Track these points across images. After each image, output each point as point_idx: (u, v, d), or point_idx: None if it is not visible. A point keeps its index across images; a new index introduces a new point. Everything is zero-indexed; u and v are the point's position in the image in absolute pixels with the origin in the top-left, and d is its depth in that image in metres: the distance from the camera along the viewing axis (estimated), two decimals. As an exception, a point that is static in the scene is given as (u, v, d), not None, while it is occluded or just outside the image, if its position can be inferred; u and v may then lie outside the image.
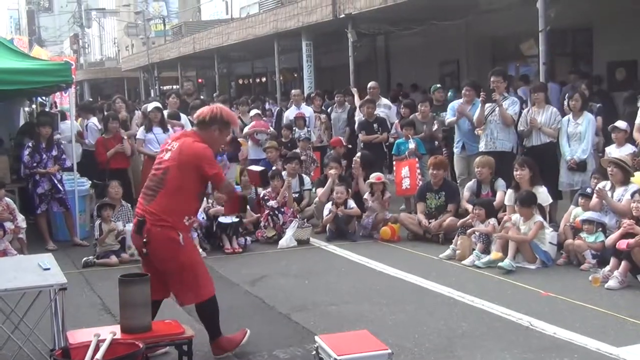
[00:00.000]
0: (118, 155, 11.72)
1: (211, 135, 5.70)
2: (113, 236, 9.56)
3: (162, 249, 5.55)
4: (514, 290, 7.59)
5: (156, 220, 5.52)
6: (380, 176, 10.80)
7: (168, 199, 5.55)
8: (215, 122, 5.70)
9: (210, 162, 5.59)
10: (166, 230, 5.53)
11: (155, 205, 5.55)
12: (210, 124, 5.69)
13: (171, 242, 5.54)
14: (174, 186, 5.55)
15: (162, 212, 5.53)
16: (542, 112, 10.32)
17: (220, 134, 5.74)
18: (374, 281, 8.22)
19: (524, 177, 9.07)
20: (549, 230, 8.65)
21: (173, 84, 40.63)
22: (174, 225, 5.55)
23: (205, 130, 5.70)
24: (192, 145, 5.59)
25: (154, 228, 5.52)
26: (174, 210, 5.56)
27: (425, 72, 22.88)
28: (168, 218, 5.53)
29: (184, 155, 5.55)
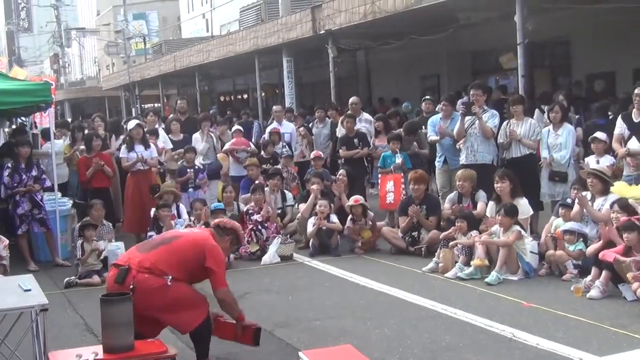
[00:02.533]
0: (99, 174, 11.67)
1: (224, 242, 6.04)
2: (95, 256, 9.52)
3: (150, 296, 5.57)
4: (496, 302, 7.62)
5: (144, 268, 5.57)
6: (357, 198, 10.79)
7: (166, 255, 5.65)
8: (232, 234, 6.10)
9: (218, 258, 5.75)
10: (154, 278, 5.58)
11: (150, 256, 5.64)
12: (226, 233, 6.08)
13: (159, 287, 5.59)
14: (176, 252, 5.68)
15: (154, 262, 5.59)
16: (521, 124, 10.39)
17: (230, 246, 6.18)
18: (358, 296, 8.22)
19: (504, 189, 9.12)
20: (529, 239, 8.70)
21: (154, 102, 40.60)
22: (161, 271, 5.61)
23: (221, 237, 6.04)
24: (208, 237, 5.86)
25: (140, 275, 5.55)
26: (166, 264, 5.63)
27: (407, 87, 23.03)
28: (157, 268, 5.59)
29: (200, 239, 5.79)
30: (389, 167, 11.76)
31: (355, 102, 14.25)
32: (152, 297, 5.57)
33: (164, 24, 51.53)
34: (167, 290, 5.60)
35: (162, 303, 5.61)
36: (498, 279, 8.33)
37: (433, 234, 9.88)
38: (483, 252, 8.66)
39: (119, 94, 42.55)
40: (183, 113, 15.09)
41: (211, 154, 13.31)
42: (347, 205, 10.76)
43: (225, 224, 6.15)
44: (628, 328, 6.48)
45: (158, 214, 10.44)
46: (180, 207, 11.10)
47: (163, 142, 13.02)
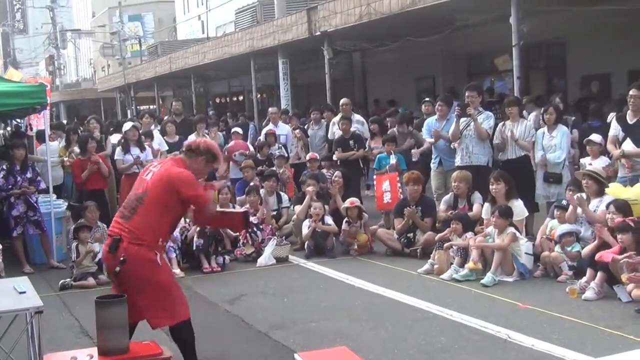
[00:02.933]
0: (95, 176, 11.65)
1: (197, 163, 5.82)
2: (90, 258, 9.51)
3: (140, 269, 5.52)
4: (492, 303, 7.64)
5: (134, 238, 5.51)
6: (353, 201, 10.80)
7: (146, 217, 5.55)
8: (204, 153, 5.84)
9: (189, 184, 5.62)
10: (144, 250, 5.52)
11: (133, 223, 5.55)
12: (199, 153, 5.83)
13: (149, 262, 5.54)
14: (153, 205, 5.57)
15: (139, 230, 5.53)
16: (517, 125, 10.41)
17: (206, 164, 5.88)
18: (353, 297, 8.24)
19: (499, 191, 9.13)
20: (524, 240, 8.72)
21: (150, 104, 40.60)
22: (150, 244, 5.56)
23: (193, 158, 5.82)
24: (171, 169, 5.68)
25: (131, 247, 5.50)
26: (152, 229, 5.56)
27: (402, 88, 23.07)
28: (145, 237, 5.53)
29: (164, 177, 5.62)
30: (384, 169, 11.78)
31: (346, 103, 14.27)
32: (141, 269, 5.51)
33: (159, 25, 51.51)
34: (157, 268, 5.55)
35: (150, 278, 5.52)
36: (493, 281, 8.34)
37: (428, 236, 9.90)
38: (477, 255, 8.67)
39: (114, 96, 42.54)
40: (178, 115, 15.09)
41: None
42: (343, 207, 10.76)
43: (197, 143, 5.89)
44: (623, 329, 6.49)
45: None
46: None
47: (158, 144, 12.99)
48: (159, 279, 5.58)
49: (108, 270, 5.87)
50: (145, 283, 5.56)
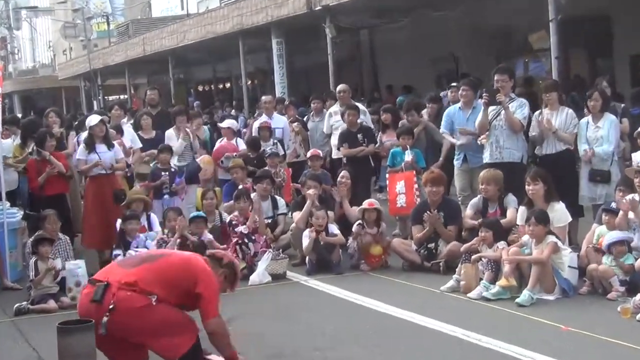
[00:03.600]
0: (54, 179, 11.61)
1: (216, 275, 6.06)
2: (51, 276, 9.48)
3: (133, 317, 5.59)
4: (529, 326, 7.60)
5: (124, 285, 5.59)
6: (372, 202, 10.78)
7: (152, 275, 5.70)
8: (227, 268, 6.19)
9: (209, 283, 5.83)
10: (137, 296, 5.61)
11: (132, 272, 5.68)
12: (222, 267, 6.16)
13: (143, 309, 5.62)
14: (162, 272, 5.75)
15: (137, 279, 5.63)
16: (556, 114, 10.38)
17: (224, 281, 6.19)
18: (364, 320, 8.21)
19: (537, 192, 9.10)
20: (567, 251, 8.68)
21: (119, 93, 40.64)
22: (145, 290, 5.65)
23: (215, 268, 6.08)
24: (202, 261, 5.96)
25: (121, 292, 5.57)
26: (151, 286, 5.67)
27: (418, 71, 23.03)
28: (141, 286, 5.63)
29: (193, 263, 5.88)
30: (398, 166, 11.75)
31: (344, 90, 14.26)
32: (135, 319, 5.60)
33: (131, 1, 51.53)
34: (152, 310, 5.63)
35: (145, 325, 5.63)
36: (531, 299, 8.30)
37: (453, 246, 9.87)
38: (511, 270, 8.63)
39: (77, 85, 42.59)
40: (154, 106, 15.06)
41: (188, 153, 13.27)
42: (359, 209, 10.72)
43: (222, 256, 6.27)
44: (686, 356, 6.47)
45: (125, 227, 10.39)
46: (151, 217, 11.07)
47: (131, 141, 12.96)
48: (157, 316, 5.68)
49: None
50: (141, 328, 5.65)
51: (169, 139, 13.20)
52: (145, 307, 5.61)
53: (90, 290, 5.70)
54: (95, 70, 36.55)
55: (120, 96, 39.73)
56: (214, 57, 30.87)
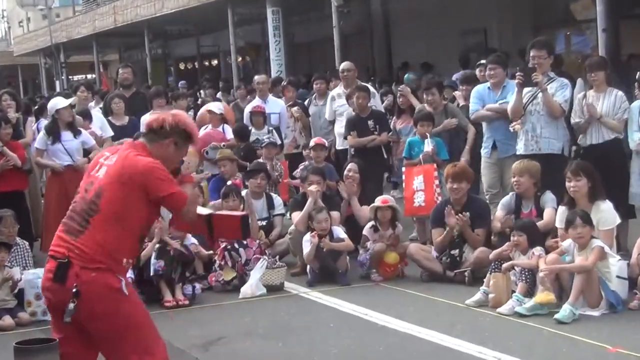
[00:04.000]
0: (9, 173, 11.64)
1: (164, 149, 5.82)
2: (7, 288, 9.52)
3: (98, 302, 5.51)
4: (570, 347, 7.63)
5: (87, 261, 5.51)
6: (386, 199, 10.79)
7: (104, 232, 5.57)
8: (171, 133, 5.82)
9: (162, 179, 5.65)
10: (104, 275, 5.52)
11: (85, 240, 5.56)
12: (164, 135, 5.82)
13: (111, 292, 5.54)
14: (112, 213, 5.58)
15: (94, 249, 5.53)
16: (603, 97, 10.40)
17: (177, 149, 5.88)
18: (376, 340, 8.22)
19: (580, 189, 9.11)
20: (616, 259, 8.71)
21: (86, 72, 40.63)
22: (112, 267, 5.57)
23: (157, 143, 5.82)
24: (136, 159, 5.69)
25: (85, 273, 5.49)
26: (113, 247, 5.58)
27: (441, 46, 23.03)
28: (104, 258, 5.54)
29: (126, 171, 5.63)
30: (416, 157, 11.76)
31: (348, 69, 14.28)
32: (99, 305, 5.51)
33: (99, -38, 51.55)
34: (122, 302, 5.57)
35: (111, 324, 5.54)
36: (572, 315, 8.32)
37: (480, 253, 9.89)
38: (550, 282, 8.64)
39: (37, 62, 42.58)
40: (127, 87, 15.09)
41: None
42: (372, 207, 10.75)
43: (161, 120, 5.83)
44: None
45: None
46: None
47: (100, 129, 12.98)
48: (126, 313, 5.58)
49: (52, 309, 5.79)
50: (106, 321, 5.55)
51: (146, 125, 13.18)
52: (115, 291, 5.52)
53: (51, 265, 5.61)
54: (57, 45, 36.56)
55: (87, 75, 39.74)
56: (198, 29, 30.90)
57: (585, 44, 19.36)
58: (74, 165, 11.54)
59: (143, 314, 5.77)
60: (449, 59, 22.01)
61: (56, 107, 11.74)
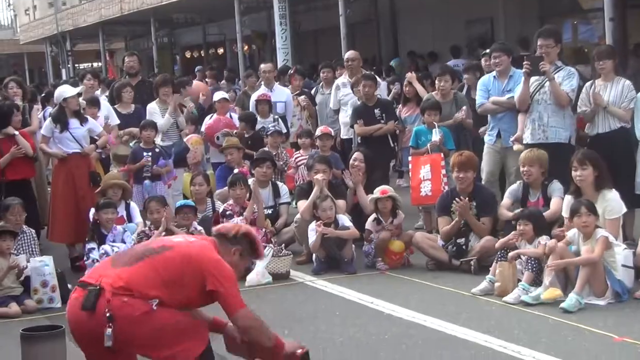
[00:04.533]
0: (17, 162, 11.65)
1: (230, 256, 5.97)
2: (14, 275, 9.53)
3: (132, 327, 5.57)
4: (576, 336, 7.62)
5: (121, 289, 5.57)
6: (385, 189, 10.78)
7: (151, 274, 5.65)
8: (241, 242, 6.03)
9: (220, 275, 5.74)
10: (135, 301, 5.57)
11: (127, 271, 5.63)
12: (232, 243, 6.01)
13: (143, 317, 5.60)
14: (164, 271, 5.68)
15: (131, 283, 5.59)
16: (610, 86, 10.38)
17: (241, 260, 6.06)
18: (382, 328, 8.23)
19: (586, 178, 9.10)
20: (621, 248, 8.70)
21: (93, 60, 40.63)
22: (143, 294, 5.62)
23: (225, 247, 5.99)
24: (208, 249, 5.85)
25: (116, 299, 5.54)
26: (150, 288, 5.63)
27: (447, 35, 22.99)
28: (137, 288, 5.60)
29: (194, 257, 5.76)
30: (423, 147, 11.74)
31: (353, 59, 14.28)
32: (134, 328, 5.58)
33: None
34: (152, 317, 5.62)
35: (146, 335, 5.62)
36: (578, 304, 8.32)
37: (486, 242, 9.89)
38: (556, 273, 8.63)
39: (43, 50, 42.56)
40: (133, 75, 15.06)
41: (173, 132, 13.29)
42: (371, 198, 10.75)
43: (229, 229, 6.10)
44: None
45: (99, 217, 10.43)
46: (131, 206, 11.10)
47: (106, 117, 12.95)
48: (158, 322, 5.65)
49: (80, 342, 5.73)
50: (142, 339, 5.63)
51: (151, 114, 13.18)
52: (146, 313, 5.58)
53: (79, 294, 5.62)
54: (63, 33, 36.54)
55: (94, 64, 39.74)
56: (204, 17, 30.85)
57: (592, 34, 19.29)
58: (82, 152, 11.54)
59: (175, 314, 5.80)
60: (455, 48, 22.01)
61: (64, 96, 11.71)
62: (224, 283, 5.73)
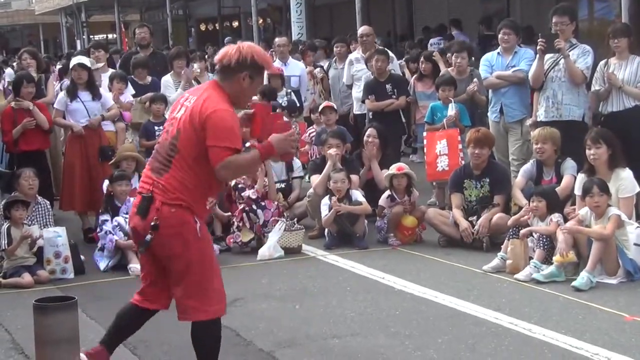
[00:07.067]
0: (31, 132, 11.66)
1: (238, 85, 5.89)
2: (27, 246, 9.56)
3: (172, 237, 5.72)
4: (587, 315, 7.63)
5: (170, 197, 5.70)
6: (401, 166, 10.77)
7: (185, 171, 5.74)
8: (244, 66, 5.86)
9: (217, 129, 5.69)
10: (183, 213, 5.72)
11: (169, 178, 5.74)
12: (237, 70, 5.86)
13: (186, 230, 5.73)
14: (189, 154, 5.73)
15: (177, 188, 5.71)
16: (625, 64, 10.33)
17: (252, 83, 5.93)
18: (392, 304, 8.25)
19: (600, 157, 9.08)
20: (634, 227, 8.68)
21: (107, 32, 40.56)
22: (192, 207, 5.75)
23: (231, 80, 5.89)
24: (208, 104, 5.76)
25: (165, 208, 5.69)
26: (194, 186, 5.75)
27: (463, 11, 22.88)
28: (186, 196, 5.72)
29: (197, 116, 5.73)
30: (439, 122, 11.71)
31: (367, 34, 14.24)
32: (173, 242, 5.74)
33: None
34: (192, 243, 5.75)
35: (177, 255, 5.76)
36: (590, 283, 8.32)
37: (499, 219, 9.88)
38: (568, 245, 8.63)
39: (58, 21, 42.48)
40: (145, 47, 15.02)
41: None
42: (387, 174, 10.74)
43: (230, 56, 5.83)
44: None
45: (113, 189, 10.43)
46: (144, 179, 11.10)
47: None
48: (194, 257, 5.76)
49: (135, 241, 6.15)
50: (176, 258, 5.77)
51: (166, 87, 13.18)
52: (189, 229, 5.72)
53: (138, 200, 5.87)
54: (78, 4, 36.41)
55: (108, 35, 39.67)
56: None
57: (608, 11, 19.14)
58: (88, 124, 11.50)
59: (211, 260, 5.95)
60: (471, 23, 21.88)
61: (71, 64, 11.80)
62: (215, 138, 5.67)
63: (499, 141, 11.31)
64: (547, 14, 11.34)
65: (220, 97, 5.79)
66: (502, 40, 11.52)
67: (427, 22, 24.06)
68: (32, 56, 13.86)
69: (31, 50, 14.70)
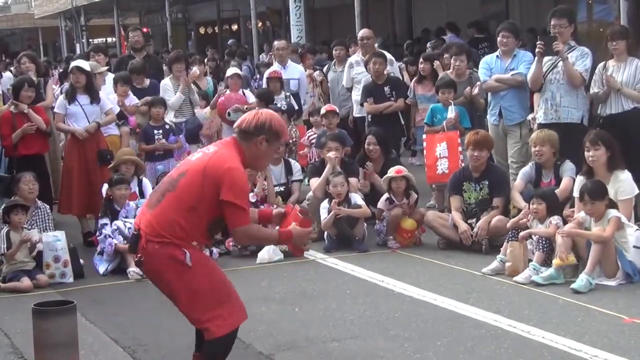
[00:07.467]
0: (31, 137, 11.66)
1: (256, 148, 6.01)
2: (26, 250, 9.56)
3: (163, 274, 5.79)
4: (586, 317, 7.63)
5: (153, 235, 5.75)
6: (401, 169, 10.77)
7: (174, 210, 5.78)
8: (262, 131, 6.00)
9: (236, 187, 5.79)
10: (166, 248, 5.75)
11: (157, 214, 5.79)
12: (255, 134, 6.00)
13: (173, 263, 5.75)
14: (186, 196, 5.79)
15: (163, 225, 5.75)
16: (624, 66, 10.33)
17: (269, 146, 6.05)
18: (392, 307, 8.26)
19: (598, 159, 9.07)
20: (633, 229, 8.68)
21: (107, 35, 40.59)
22: (175, 242, 5.77)
23: (249, 142, 6.01)
24: (225, 158, 5.87)
25: (150, 245, 5.74)
26: (176, 226, 5.77)
27: (462, 13, 22.90)
28: (169, 234, 5.75)
29: (211, 164, 5.83)
30: (439, 124, 11.70)
31: (367, 37, 14.23)
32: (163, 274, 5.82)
33: None
34: (184, 273, 5.79)
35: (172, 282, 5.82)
36: (589, 285, 8.32)
37: (498, 222, 9.88)
38: (568, 246, 8.63)
39: (57, 25, 42.52)
40: (139, 50, 15.01)
41: (187, 109, 13.31)
42: (385, 178, 10.74)
43: (249, 122, 6.02)
44: None
45: (112, 193, 10.43)
46: (143, 182, 11.09)
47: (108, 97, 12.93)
48: (191, 284, 5.79)
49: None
50: (173, 288, 5.83)
51: (165, 90, 13.19)
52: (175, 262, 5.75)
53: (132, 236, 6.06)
54: (78, 8, 36.43)
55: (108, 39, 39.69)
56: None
57: (607, 13, 19.16)
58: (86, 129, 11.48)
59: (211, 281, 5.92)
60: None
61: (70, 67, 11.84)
62: (233, 194, 5.76)
63: (498, 144, 11.28)
64: (546, 16, 11.35)
65: (235, 156, 5.91)
66: (501, 43, 11.51)
67: (426, 25, 24.09)
68: (31, 60, 13.84)
69: (30, 54, 14.68)
